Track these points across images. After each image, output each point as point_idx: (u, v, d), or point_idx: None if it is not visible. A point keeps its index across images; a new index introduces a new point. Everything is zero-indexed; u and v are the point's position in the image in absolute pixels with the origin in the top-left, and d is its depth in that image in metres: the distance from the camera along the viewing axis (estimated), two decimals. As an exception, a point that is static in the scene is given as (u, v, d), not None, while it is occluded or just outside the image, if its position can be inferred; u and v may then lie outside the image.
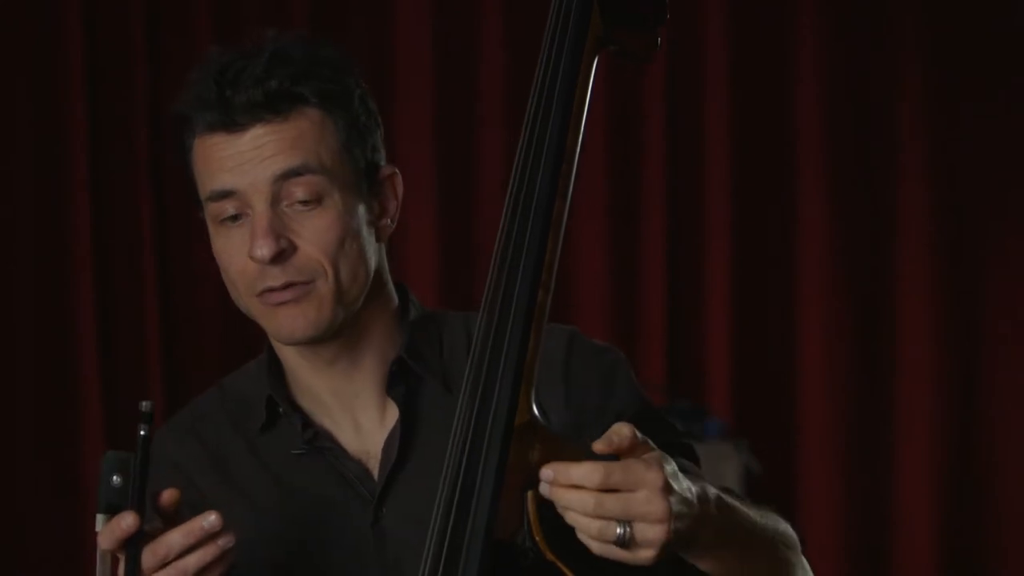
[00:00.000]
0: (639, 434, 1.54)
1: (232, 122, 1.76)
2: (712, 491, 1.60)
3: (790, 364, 4.17)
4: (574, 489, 1.51)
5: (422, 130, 4.09)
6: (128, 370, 4.05)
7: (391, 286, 1.88)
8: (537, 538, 1.54)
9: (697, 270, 4.19)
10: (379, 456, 1.84)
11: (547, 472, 1.52)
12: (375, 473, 1.84)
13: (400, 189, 1.86)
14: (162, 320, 4.06)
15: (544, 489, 1.52)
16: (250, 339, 4.40)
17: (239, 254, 1.78)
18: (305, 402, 1.87)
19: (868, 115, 4.17)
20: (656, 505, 1.50)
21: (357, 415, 1.86)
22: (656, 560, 1.51)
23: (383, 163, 1.84)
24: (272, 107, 1.76)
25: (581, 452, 1.54)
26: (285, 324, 1.79)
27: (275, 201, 1.76)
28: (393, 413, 1.84)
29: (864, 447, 4.16)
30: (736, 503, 1.64)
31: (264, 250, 1.75)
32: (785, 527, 1.76)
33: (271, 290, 1.77)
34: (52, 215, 4.04)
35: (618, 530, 1.50)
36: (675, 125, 4.17)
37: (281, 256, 1.76)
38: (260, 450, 1.88)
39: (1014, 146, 4.14)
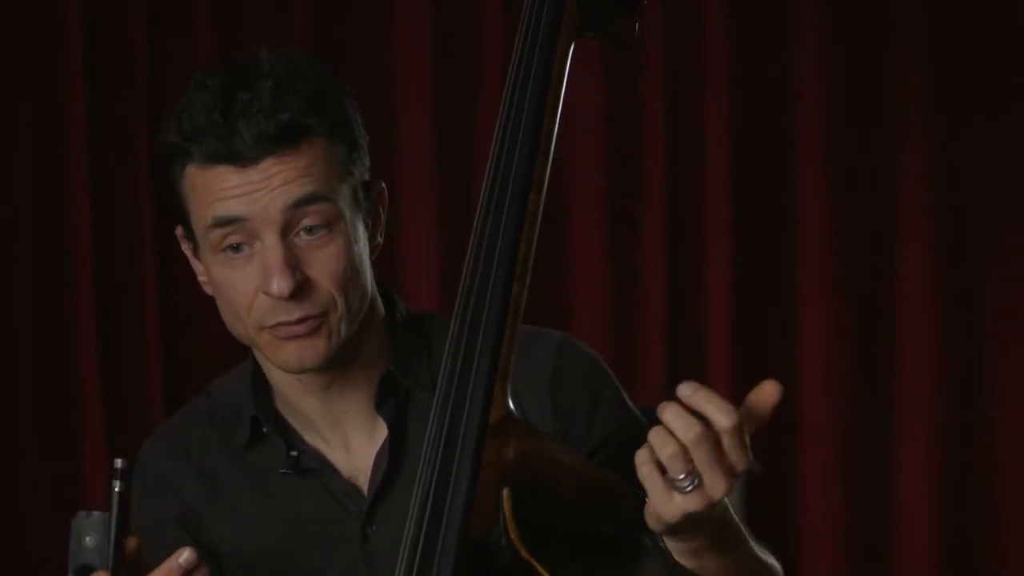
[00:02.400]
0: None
1: (241, 155, 1.72)
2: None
3: (790, 364, 4.16)
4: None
5: (422, 130, 4.08)
6: (128, 370, 4.05)
7: (379, 299, 1.86)
8: (512, 536, 1.53)
9: (697, 270, 4.18)
10: (369, 473, 1.83)
11: (685, 387, 1.50)
12: (364, 490, 1.82)
13: (386, 202, 1.85)
14: (162, 320, 4.06)
15: (680, 397, 1.48)
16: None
17: (246, 286, 1.75)
18: (293, 419, 1.86)
19: (868, 115, 4.16)
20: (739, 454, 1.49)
21: (347, 433, 1.85)
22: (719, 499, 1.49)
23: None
24: (283, 140, 1.72)
25: (559, 447, 1.53)
26: (293, 355, 1.76)
27: (285, 231, 1.73)
28: (383, 428, 1.83)
29: (864, 447, 4.15)
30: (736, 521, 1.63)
31: (283, 286, 1.72)
32: (778, 569, 1.74)
33: (284, 324, 1.74)
34: (52, 215, 4.04)
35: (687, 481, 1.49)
36: (675, 125, 4.16)
37: (298, 290, 1.73)
38: (248, 465, 1.87)
39: (1014, 146, 4.14)
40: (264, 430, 1.83)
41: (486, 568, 1.53)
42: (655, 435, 1.47)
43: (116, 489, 1.59)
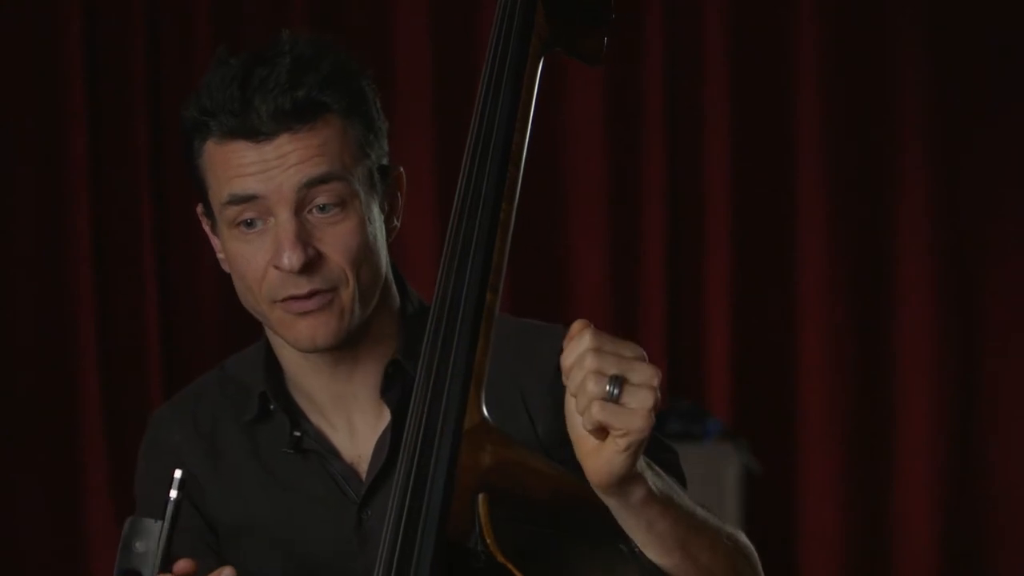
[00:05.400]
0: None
1: (257, 131, 1.74)
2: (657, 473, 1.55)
3: (790, 363, 4.17)
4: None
5: (422, 130, 4.09)
6: (128, 370, 4.05)
7: (394, 286, 1.87)
8: (488, 540, 1.53)
9: (697, 270, 4.19)
10: (370, 458, 1.84)
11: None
12: (364, 475, 1.83)
13: (404, 188, 1.87)
14: (162, 320, 4.06)
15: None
16: (250, 339, 4.42)
17: (258, 261, 1.77)
18: (301, 399, 1.87)
19: (868, 115, 4.16)
20: (647, 373, 1.46)
21: (352, 417, 1.86)
22: (649, 428, 1.45)
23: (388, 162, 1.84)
24: (299, 116, 1.74)
25: (535, 456, 1.53)
26: (306, 333, 1.78)
27: (299, 208, 1.75)
28: (387, 415, 1.84)
29: (864, 447, 4.16)
30: (687, 502, 1.61)
31: (293, 260, 1.73)
32: (747, 544, 1.70)
33: (295, 298, 1.76)
34: (52, 215, 4.04)
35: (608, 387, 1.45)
36: (675, 127, 4.17)
37: (308, 265, 1.75)
38: (253, 441, 1.88)
39: (1014, 146, 4.14)
40: (271, 407, 1.85)
41: (462, 571, 1.54)
42: (585, 383, 1.45)
43: (172, 498, 1.58)
